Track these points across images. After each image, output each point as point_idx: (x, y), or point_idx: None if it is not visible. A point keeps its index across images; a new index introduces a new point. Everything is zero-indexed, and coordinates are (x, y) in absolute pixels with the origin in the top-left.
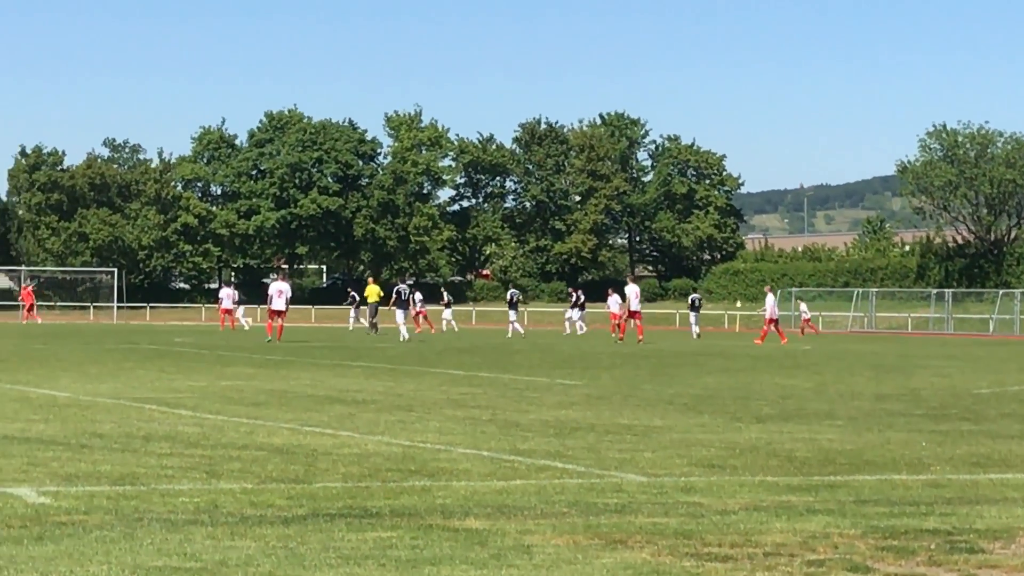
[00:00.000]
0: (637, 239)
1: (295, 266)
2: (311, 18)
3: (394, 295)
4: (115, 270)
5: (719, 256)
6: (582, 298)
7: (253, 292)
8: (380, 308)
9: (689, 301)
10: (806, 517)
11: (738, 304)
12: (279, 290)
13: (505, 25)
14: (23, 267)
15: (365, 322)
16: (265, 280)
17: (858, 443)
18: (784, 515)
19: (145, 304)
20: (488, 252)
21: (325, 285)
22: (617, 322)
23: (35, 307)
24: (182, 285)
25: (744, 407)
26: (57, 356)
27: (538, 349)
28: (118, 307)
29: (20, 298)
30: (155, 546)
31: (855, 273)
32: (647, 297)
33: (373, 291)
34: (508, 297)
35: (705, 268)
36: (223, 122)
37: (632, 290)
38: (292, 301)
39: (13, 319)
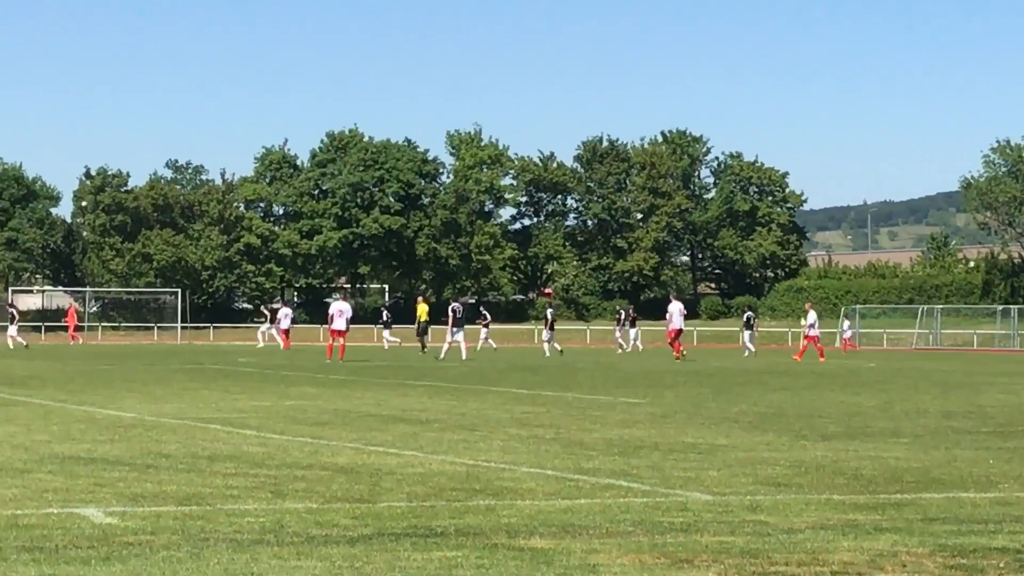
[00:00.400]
0: (700, 257)
1: (357, 285)
2: (370, 39)
3: (450, 313)
4: (179, 291)
5: (782, 273)
6: (632, 315)
7: (316, 312)
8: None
9: (744, 319)
10: (873, 536)
11: (802, 322)
12: (339, 310)
13: (565, 43)
14: (87, 288)
15: (392, 340)
16: (327, 300)
17: (925, 461)
18: (851, 534)
19: (209, 324)
20: (550, 270)
21: (387, 304)
22: (671, 340)
23: (76, 329)
24: (245, 305)
25: (809, 425)
26: (122, 377)
27: (600, 368)
28: (182, 327)
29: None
30: (221, 566)
31: (920, 290)
32: (710, 315)
33: (423, 310)
34: (546, 316)
35: (768, 285)
36: (285, 142)
37: (676, 307)
38: (354, 320)
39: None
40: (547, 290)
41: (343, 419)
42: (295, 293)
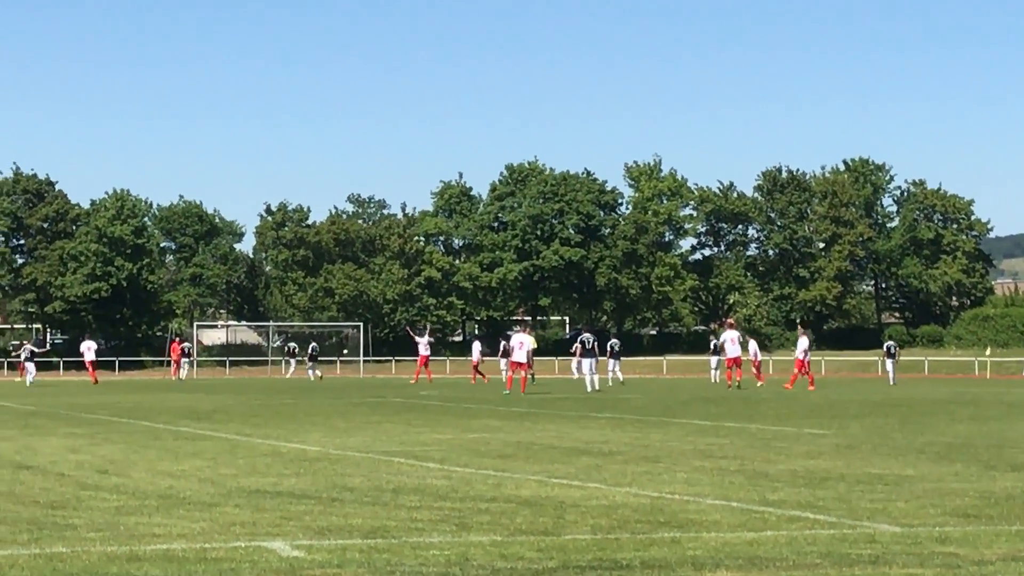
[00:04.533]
0: (883, 286)
1: (538, 318)
2: (546, 71)
3: (578, 345)
4: (360, 324)
5: (968, 302)
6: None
7: (497, 344)
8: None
9: (885, 348)
10: None
11: (987, 351)
12: (520, 342)
13: (743, 73)
14: (271, 322)
15: (316, 374)
16: (509, 332)
17: None
18: None
19: (390, 358)
20: (732, 301)
21: (568, 336)
22: (729, 368)
23: (180, 364)
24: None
25: (998, 455)
26: (306, 410)
27: (784, 398)
28: (364, 361)
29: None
30: None
31: None
32: (898, 344)
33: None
34: (609, 348)
35: (953, 314)
36: (460, 176)
37: (730, 335)
38: (536, 353)
39: (262, 374)
40: (729, 320)
41: (526, 451)
42: (476, 326)
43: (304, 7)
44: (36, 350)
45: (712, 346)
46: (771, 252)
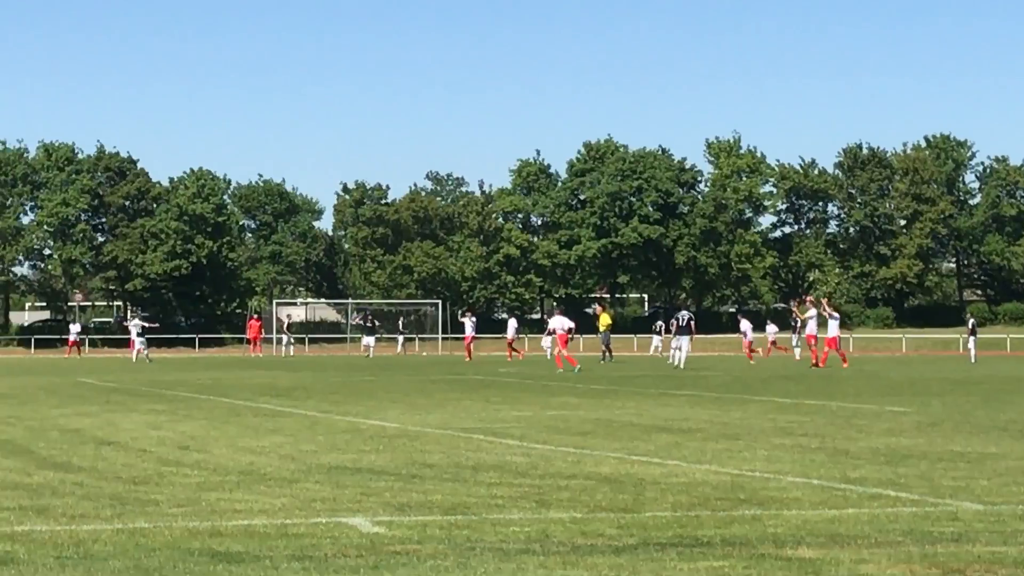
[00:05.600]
0: (965, 263)
1: (616, 295)
2: (625, 48)
3: (674, 321)
4: (439, 302)
5: None
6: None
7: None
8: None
9: (969, 326)
10: None
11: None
12: (561, 322)
13: (823, 48)
14: (349, 300)
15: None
16: (587, 310)
17: None
18: None
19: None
20: (811, 278)
21: (647, 314)
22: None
23: (259, 342)
24: (504, 316)
25: None
26: (385, 388)
27: (864, 376)
28: (443, 339)
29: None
30: (488, 575)
31: None
32: (976, 322)
33: (604, 319)
34: (679, 319)
35: None
36: (538, 154)
37: (815, 312)
38: (613, 330)
39: (341, 351)
40: (808, 297)
41: (605, 429)
42: (555, 303)
43: None
44: (147, 325)
45: (793, 323)
46: (851, 229)
